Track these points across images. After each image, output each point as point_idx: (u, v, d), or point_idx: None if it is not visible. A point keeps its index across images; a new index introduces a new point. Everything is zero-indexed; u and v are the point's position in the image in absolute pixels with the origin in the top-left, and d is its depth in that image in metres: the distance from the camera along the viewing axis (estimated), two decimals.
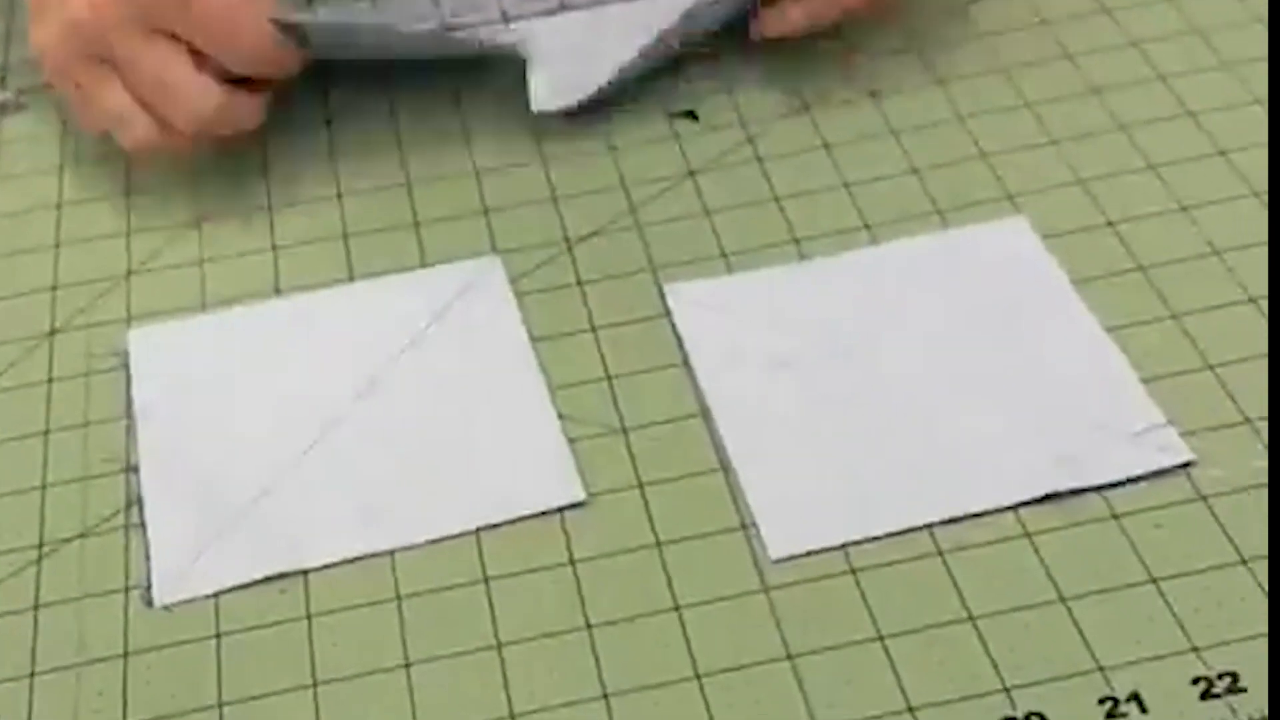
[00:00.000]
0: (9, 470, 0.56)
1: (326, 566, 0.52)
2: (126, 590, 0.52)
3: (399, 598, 0.51)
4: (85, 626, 0.51)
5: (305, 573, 0.52)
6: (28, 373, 0.60)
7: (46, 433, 0.57)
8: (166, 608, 0.51)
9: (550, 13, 0.65)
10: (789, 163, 0.64)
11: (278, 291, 0.62)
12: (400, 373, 0.58)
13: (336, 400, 0.57)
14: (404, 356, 0.59)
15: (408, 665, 0.49)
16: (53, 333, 0.61)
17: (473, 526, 0.53)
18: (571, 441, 0.55)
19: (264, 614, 0.51)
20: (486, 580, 0.51)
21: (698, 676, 0.48)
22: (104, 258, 0.64)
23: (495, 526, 0.53)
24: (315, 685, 0.49)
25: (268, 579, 0.52)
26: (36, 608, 0.52)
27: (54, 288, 0.63)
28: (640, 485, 0.53)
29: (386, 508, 0.54)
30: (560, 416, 0.55)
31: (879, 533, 0.51)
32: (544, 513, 0.53)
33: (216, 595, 0.52)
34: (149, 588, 0.52)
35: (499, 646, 0.49)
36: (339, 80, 0.70)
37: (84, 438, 0.57)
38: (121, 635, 0.51)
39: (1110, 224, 0.60)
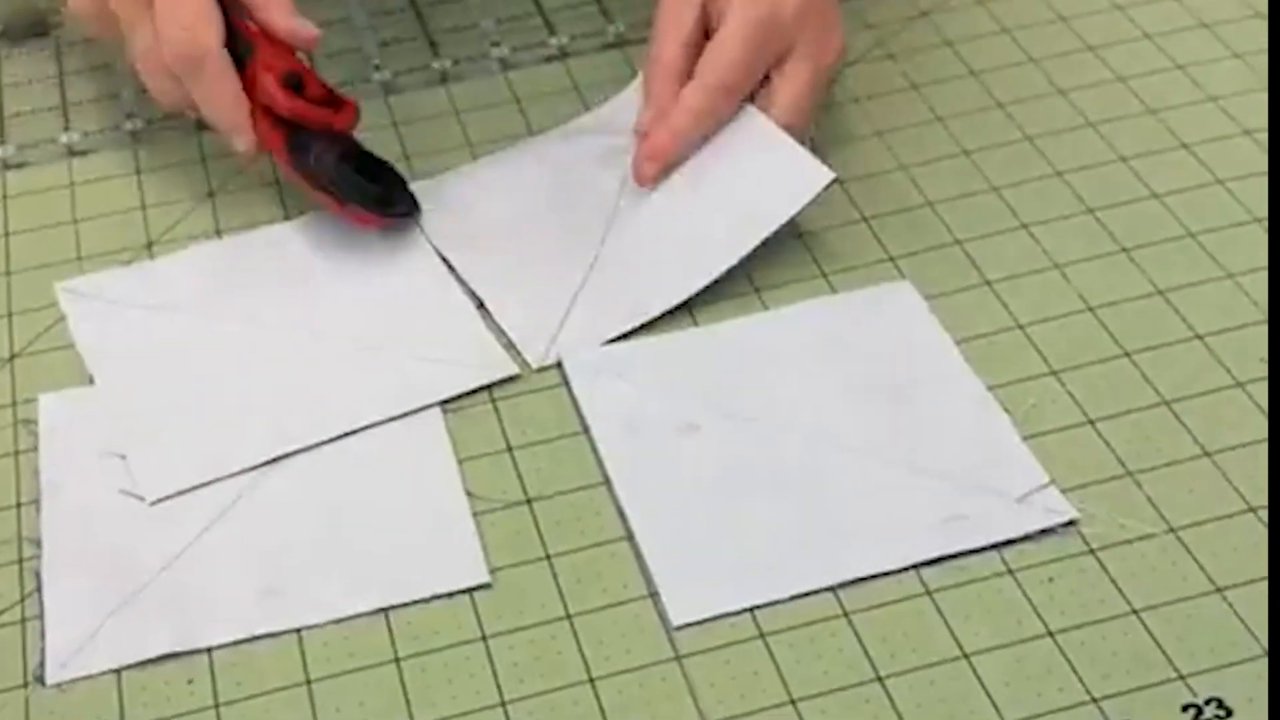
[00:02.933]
0: None
1: (230, 644, 0.52)
2: (25, 681, 0.51)
3: (309, 681, 0.51)
4: None
5: (210, 651, 0.51)
6: None
7: None
8: (60, 687, 0.50)
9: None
10: None
11: None
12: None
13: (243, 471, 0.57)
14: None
15: None
16: None
17: (379, 607, 0.53)
18: (476, 515, 0.55)
19: (168, 698, 0.50)
20: (398, 660, 0.51)
21: None
22: None
23: (404, 606, 0.53)
24: None
25: (172, 656, 0.51)
26: None
27: None
28: (548, 557, 0.54)
29: (290, 585, 0.53)
30: (468, 494, 0.56)
31: (783, 596, 0.52)
32: (452, 592, 0.53)
33: (118, 673, 0.51)
34: (42, 664, 0.51)
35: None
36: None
37: None
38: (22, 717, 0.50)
39: (988, 283, 0.62)
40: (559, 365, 0.60)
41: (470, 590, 0.53)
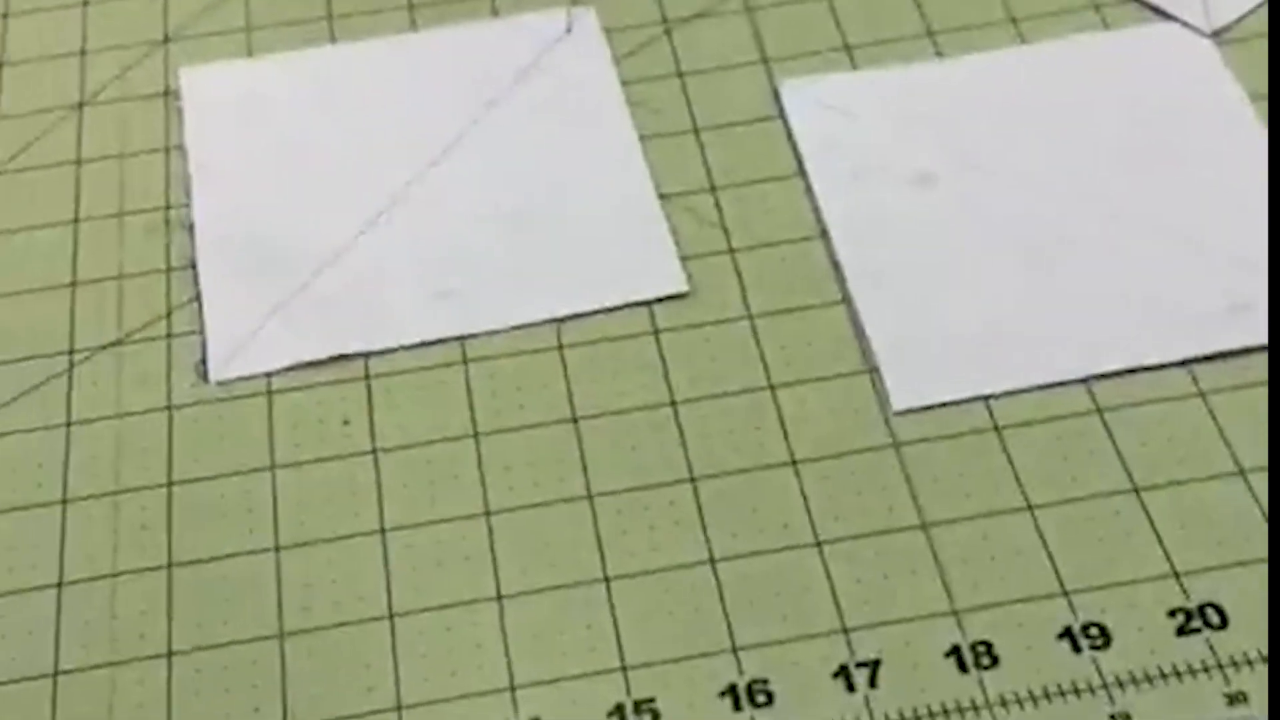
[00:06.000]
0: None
1: (393, 350, 0.47)
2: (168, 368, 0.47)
3: (468, 375, 0.46)
4: (124, 390, 0.47)
5: (367, 356, 0.47)
6: (56, 148, 0.53)
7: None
8: (222, 384, 0.47)
9: None
10: None
11: (332, 40, 0.55)
12: (482, 136, 0.52)
13: (408, 165, 0.51)
14: (486, 118, 0.52)
15: (475, 435, 0.45)
16: (82, 104, 0.54)
17: (557, 314, 0.47)
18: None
19: (323, 395, 0.46)
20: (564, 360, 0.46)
21: (818, 544, 0.42)
22: (138, 21, 0.56)
23: (581, 316, 0.47)
24: (375, 452, 0.45)
25: (331, 359, 0.47)
26: (72, 368, 0.47)
27: (83, 52, 0.56)
28: (750, 317, 0.47)
29: (461, 288, 0.48)
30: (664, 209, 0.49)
31: (1026, 385, 0.45)
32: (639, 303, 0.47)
33: (275, 374, 0.47)
34: (204, 360, 0.47)
35: (575, 420, 0.45)
36: None
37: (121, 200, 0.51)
38: (165, 402, 0.46)
39: None
40: (776, 96, 0.52)
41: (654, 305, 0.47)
